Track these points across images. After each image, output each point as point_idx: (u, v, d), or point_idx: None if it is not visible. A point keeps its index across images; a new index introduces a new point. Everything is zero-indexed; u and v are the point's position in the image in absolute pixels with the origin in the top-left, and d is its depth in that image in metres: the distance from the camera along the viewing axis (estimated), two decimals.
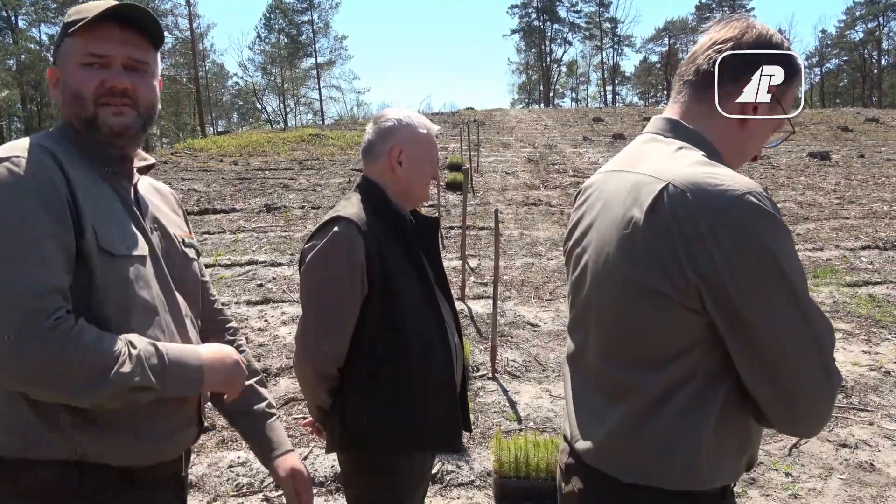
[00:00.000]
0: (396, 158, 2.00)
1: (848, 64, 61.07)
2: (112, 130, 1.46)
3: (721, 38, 1.32)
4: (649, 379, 1.22)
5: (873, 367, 5.35)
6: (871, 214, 11.43)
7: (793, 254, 1.14)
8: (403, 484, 1.99)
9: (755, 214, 1.12)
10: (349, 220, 1.87)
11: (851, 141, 21.24)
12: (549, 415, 4.57)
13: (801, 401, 1.17)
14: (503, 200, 12.86)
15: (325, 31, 58.48)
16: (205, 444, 4.15)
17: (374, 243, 1.87)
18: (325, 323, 1.89)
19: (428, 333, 1.95)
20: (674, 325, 1.19)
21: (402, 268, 1.93)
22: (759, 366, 1.15)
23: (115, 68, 1.46)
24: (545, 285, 7.82)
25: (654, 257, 1.17)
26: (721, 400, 1.20)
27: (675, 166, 1.21)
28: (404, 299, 1.91)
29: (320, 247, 1.87)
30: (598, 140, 21.60)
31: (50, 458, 1.35)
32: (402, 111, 2.07)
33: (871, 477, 3.75)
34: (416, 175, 2.03)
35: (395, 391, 1.93)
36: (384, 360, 1.92)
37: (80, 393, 1.26)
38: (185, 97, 52.23)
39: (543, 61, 67.17)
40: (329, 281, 1.87)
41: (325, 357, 1.90)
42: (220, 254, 9.05)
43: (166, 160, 18.27)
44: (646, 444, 1.24)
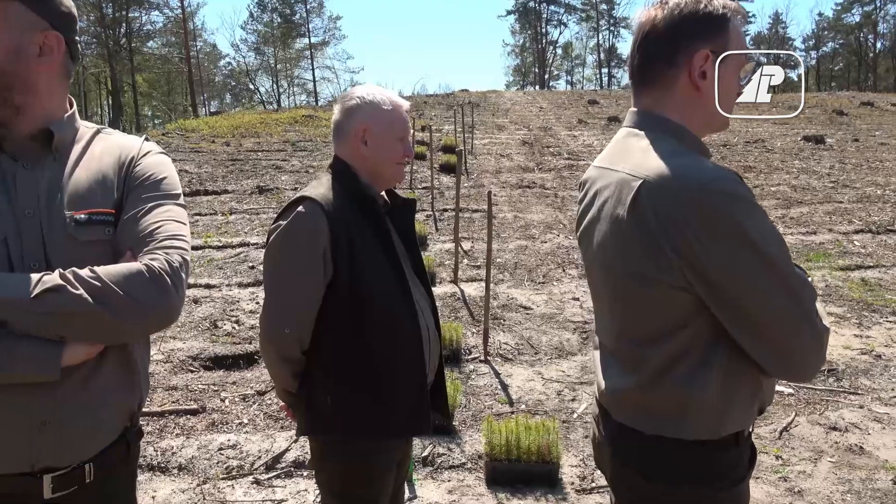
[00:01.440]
0: (361, 137, 1.96)
1: (844, 47, 60.90)
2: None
3: (643, 29, 1.43)
4: (654, 352, 1.38)
5: (864, 351, 5.37)
6: (864, 198, 11.44)
7: (762, 224, 1.26)
8: (370, 469, 1.96)
9: (721, 196, 1.25)
10: (314, 201, 1.84)
11: (846, 125, 21.22)
12: (541, 398, 4.57)
13: (794, 353, 1.31)
14: (497, 183, 12.81)
15: (319, 10, 57.87)
16: (194, 426, 4.14)
17: (340, 224, 1.83)
18: (287, 305, 1.86)
19: (396, 317, 1.92)
20: (668, 304, 1.33)
21: (371, 249, 1.89)
22: (748, 329, 1.29)
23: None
24: (538, 268, 7.80)
25: (640, 246, 1.32)
26: (723, 363, 1.34)
27: (650, 162, 1.33)
28: (372, 281, 1.87)
29: (283, 227, 1.84)
30: (594, 123, 21.50)
31: None
32: (368, 88, 2.01)
33: (860, 460, 3.76)
34: (383, 154, 1.97)
35: (360, 375, 1.90)
36: (349, 343, 1.88)
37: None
38: (177, 77, 51.78)
39: (539, 43, 66.75)
40: (290, 263, 1.84)
41: (288, 339, 1.87)
42: (210, 235, 8.99)
43: (157, 141, 18.08)
44: (659, 406, 1.41)
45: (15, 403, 1.30)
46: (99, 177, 1.45)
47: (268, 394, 4.58)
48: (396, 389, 1.93)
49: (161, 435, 4.03)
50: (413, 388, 1.96)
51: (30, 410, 1.32)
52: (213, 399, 4.52)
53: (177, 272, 1.38)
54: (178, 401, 4.48)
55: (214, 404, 4.44)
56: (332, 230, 1.82)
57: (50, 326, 1.27)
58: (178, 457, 3.77)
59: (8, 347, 1.24)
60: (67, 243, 1.37)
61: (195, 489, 3.48)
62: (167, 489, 3.47)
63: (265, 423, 4.19)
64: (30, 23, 1.35)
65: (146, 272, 1.34)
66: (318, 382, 1.92)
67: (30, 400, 1.31)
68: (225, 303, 6.45)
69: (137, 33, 49.18)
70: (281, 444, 3.89)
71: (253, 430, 4.10)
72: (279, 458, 3.75)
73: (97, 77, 51.46)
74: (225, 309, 6.28)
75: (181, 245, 1.42)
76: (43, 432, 1.33)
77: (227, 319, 6.01)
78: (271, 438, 3.97)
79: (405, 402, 1.95)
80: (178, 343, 5.45)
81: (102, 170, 1.46)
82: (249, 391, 4.63)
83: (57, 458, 1.37)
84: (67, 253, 1.36)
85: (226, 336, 5.63)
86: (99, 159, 1.48)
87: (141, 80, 50.95)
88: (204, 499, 3.40)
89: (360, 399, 1.90)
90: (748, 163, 14.77)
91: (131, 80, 49.20)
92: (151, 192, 1.47)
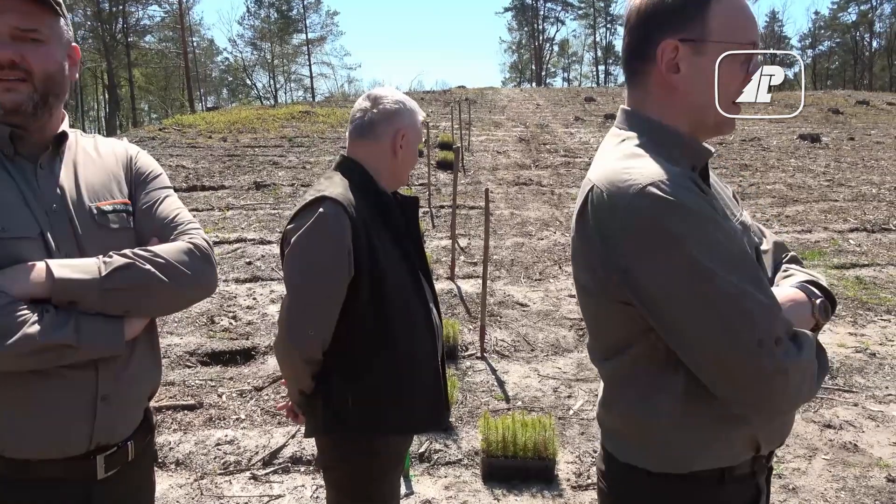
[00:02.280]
0: (399, 143, 1.99)
1: (840, 46, 60.98)
2: (4, 108, 1.38)
3: (626, 21, 1.32)
4: (608, 370, 1.32)
5: (859, 349, 5.39)
6: (859, 197, 11.47)
7: (706, 235, 1.11)
8: (382, 465, 1.99)
9: (657, 202, 1.10)
10: (335, 201, 1.83)
11: (842, 123, 21.27)
12: (538, 394, 4.59)
13: (747, 385, 1.13)
14: (494, 180, 12.82)
15: (317, 6, 57.68)
16: (192, 421, 4.15)
17: (360, 224, 1.84)
18: (312, 307, 1.85)
19: (413, 315, 1.94)
20: (612, 319, 1.25)
21: (388, 249, 1.91)
22: (691, 353, 1.14)
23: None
24: (535, 265, 7.81)
25: (583, 257, 1.25)
26: (679, 388, 1.20)
27: (604, 164, 1.24)
28: (390, 281, 1.89)
29: (306, 228, 1.82)
30: (590, 120, 21.52)
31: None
32: (400, 94, 2.05)
33: (854, 457, 3.79)
34: (409, 159, 2.05)
35: (381, 372, 1.91)
36: (370, 341, 1.90)
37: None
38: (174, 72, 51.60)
39: (536, 40, 66.69)
40: (316, 264, 1.84)
41: (311, 341, 1.87)
42: (208, 231, 8.97)
43: (154, 136, 18.06)
44: (622, 430, 1.31)
45: (79, 380, 1.40)
46: (108, 173, 1.57)
47: (265, 389, 4.59)
48: (417, 385, 1.96)
49: (158, 430, 4.03)
50: (431, 383, 2.00)
51: (92, 386, 1.42)
52: (211, 395, 4.53)
53: (211, 248, 1.58)
54: (175, 396, 4.49)
55: (212, 400, 4.45)
56: (353, 230, 1.82)
57: (119, 302, 1.40)
58: (175, 452, 3.78)
59: (82, 325, 1.34)
60: (99, 232, 1.48)
61: (192, 484, 3.49)
62: (165, 484, 3.47)
63: (262, 419, 4.20)
64: (67, 36, 1.49)
65: (195, 249, 1.52)
66: (338, 381, 1.92)
67: (93, 375, 1.41)
68: (222, 298, 6.45)
69: (134, 28, 48.96)
70: (278, 439, 3.90)
71: (250, 426, 4.11)
72: (276, 453, 3.76)
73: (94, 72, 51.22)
74: (222, 304, 6.28)
75: (199, 228, 1.61)
76: (103, 407, 1.43)
77: (225, 315, 6.01)
78: (268, 434, 3.98)
79: (425, 397, 1.98)
80: (175, 339, 5.45)
81: (108, 167, 1.58)
82: (246, 387, 4.64)
83: (110, 435, 1.47)
84: (99, 241, 1.46)
85: (223, 332, 5.64)
86: (102, 158, 1.59)
87: (138, 74, 50.74)
88: (202, 494, 3.41)
89: (382, 396, 1.91)
90: (744, 161, 14.80)
91: (128, 74, 49.00)
92: (157, 186, 1.63)
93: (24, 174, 1.43)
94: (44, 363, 1.33)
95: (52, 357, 1.33)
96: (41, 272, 1.34)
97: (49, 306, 1.33)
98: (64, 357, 1.34)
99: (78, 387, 1.40)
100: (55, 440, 1.41)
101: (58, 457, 1.41)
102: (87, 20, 46.71)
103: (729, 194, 1.42)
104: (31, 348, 1.29)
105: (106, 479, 1.48)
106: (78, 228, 1.44)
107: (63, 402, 1.39)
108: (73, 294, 1.35)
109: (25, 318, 1.29)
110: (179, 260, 1.48)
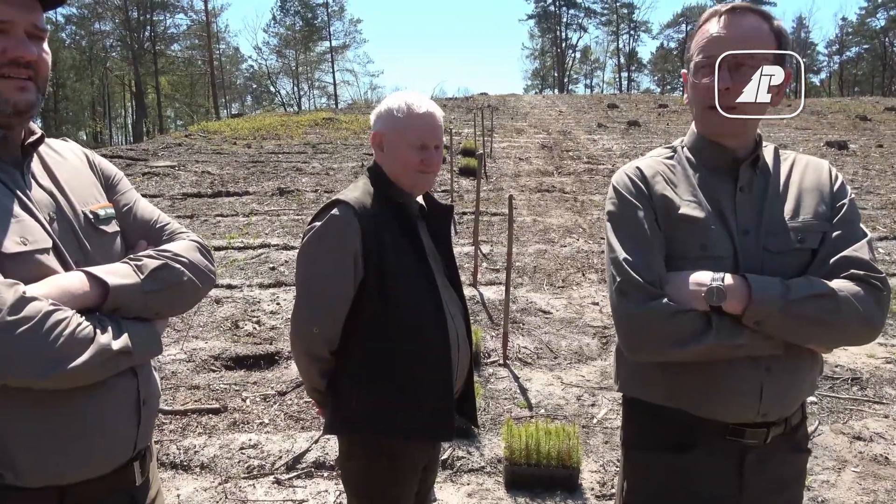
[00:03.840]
0: (379, 144, 2.01)
1: (868, 52, 60.10)
2: (15, 108, 1.29)
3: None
4: None
5: (889, 360, 5.29)
6: (888, 205, 11.28)
7: (621, 210, 1.62)
8: (395, 469, 1.99)
9: (612, 186, 1.68)
10: (347, 204, 1.87)
11: (870, 130, 20.93)
12: (561, 402, 4.56)
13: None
14: (516, 186, 12.80)
15: (340, 14, 58.24)
16: (216, 425, 4.18)
17: (372, 227, 1.86)
18: (316, 305, 1.91)
19: (423, 322, 1.93)
20: None
21: (401, 253, 1.92)
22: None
23: (16, 36, 1.27)
24: (558, 272, 7.78)
25: None
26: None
27: None
28: (400, 284, 1.90)
29: (316, 229, 1.89)
30: (613, 127, 21.41)
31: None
32: (397, 94, 2.02)
33: (885, 470, 3.71)
34: (397, 161, 1.97)
35: (386, 376, 1.92)
36: (376, 344, 1.91)
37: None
38: (199, 79, 52.27)
39: (558, 47, 66.58)
40: (321, 264, 1.89)
41: (316, 339, 1.92)
42: (233, 237, 9.07)
43: (180, 142, 18.30)
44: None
45: (123, 386, 1.38)
46: (83, 176, 1.51)
47: (288, 394, 4.61)
48: (421, 392, 1.94)
49: (184, 433, 4.07)
50: (437, 392, 1.97)
51: (135, 391, 1.40)
52: (235, 399, 4.56)
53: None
54: (199, 400, 4.53)
55: (236, 404, 4.49)
56: (363, 233, 1.85)
57: (157, 303, 1.39)
58: (200, 455, 3.81)
59: (130, 330, 1.32)
60: (98, 237, 1.43)
61: (217, 488, 3.51)
62: (189, 487, 3.51)
63: (286, 424, 4.22)
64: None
65: (201, 247, 1.55)
66: (346, 382, 1.96)
67: (134, 379, 1.40)
68: (246, 303, 6.50)
69: (162, 36, 49.74)
70: (301, 444, 3.92)
71: (274, 430, 4.13)
72: (300, 458, 3.78)
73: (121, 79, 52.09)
74: (246, 309, 6.34)
75: (184, 228, 1.62)
76: (145, 411, 1.42)
77: (249, 320, 6.06)
78: (292, 439, 4.00)
79: (429, 405, 1.96)
80: (200, 343, 5.50)
81: (78, 169, 1.51)
82: (270, 391, 4.67)
83: (146, 437, 1.46)
84: (100, 246, 1.43)
85: (247, 336, 5.68)
86: (67, 160, 1.51)
87: (164, 82, 51.51)
88: (226, 498, 3.43)
89: (384, 399, 1.92)
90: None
91: (155, 82, 49.76)
92: (126, 188, 1.61)
93: (14, 180, 1.34)
94: (108, 372, 1.29)
95: (114, 365, 1.29)
96: (85, 282, 1.30)
97: (97, 315, 1.29)
98: (121, 364, 1.31)
99: (124, 394, 1.37)
100: (105, 453, 1.36)
101: (106, 471, 1.37)
102: (116, 28, 47.52)
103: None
104: (105, 358, 1.25)
105: (140, 485, 1.47)
106: (81, 235, 1.40)
107: (111, 412, 1.35)
108: (122, 300, 1.32)
109: (90, 329, 1.25)
110: (196, 259, 1.50)
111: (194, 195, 11.52)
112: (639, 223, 1.56)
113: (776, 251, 1.53)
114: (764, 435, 1.58)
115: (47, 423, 1.27)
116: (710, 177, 1.62)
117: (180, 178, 12.92)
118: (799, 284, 1.47)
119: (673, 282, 1.52)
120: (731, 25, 1.54)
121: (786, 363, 1.53)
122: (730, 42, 1.52)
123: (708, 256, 1.54)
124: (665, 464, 1.63)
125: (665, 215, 1.59)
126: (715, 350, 1.47)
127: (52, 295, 1.24)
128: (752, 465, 1.59)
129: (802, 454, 1.71)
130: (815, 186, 1.60)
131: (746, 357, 1.50)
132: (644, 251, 1.54)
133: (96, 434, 1.32)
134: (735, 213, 1.57)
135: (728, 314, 1.47)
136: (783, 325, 1.45)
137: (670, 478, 1.63)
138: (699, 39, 1.58)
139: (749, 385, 1.52)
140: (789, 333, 1.47)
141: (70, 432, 1.29)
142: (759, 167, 1.63)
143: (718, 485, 1.60)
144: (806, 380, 1.59)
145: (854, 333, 1.50)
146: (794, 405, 1.61)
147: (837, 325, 1.46)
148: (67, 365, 1.19)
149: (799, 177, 1.63)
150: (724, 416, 1.56)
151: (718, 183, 1.61)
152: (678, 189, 1.61)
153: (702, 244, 1.55)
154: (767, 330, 1.46)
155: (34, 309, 1.18)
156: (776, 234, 1.54)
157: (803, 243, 1.54)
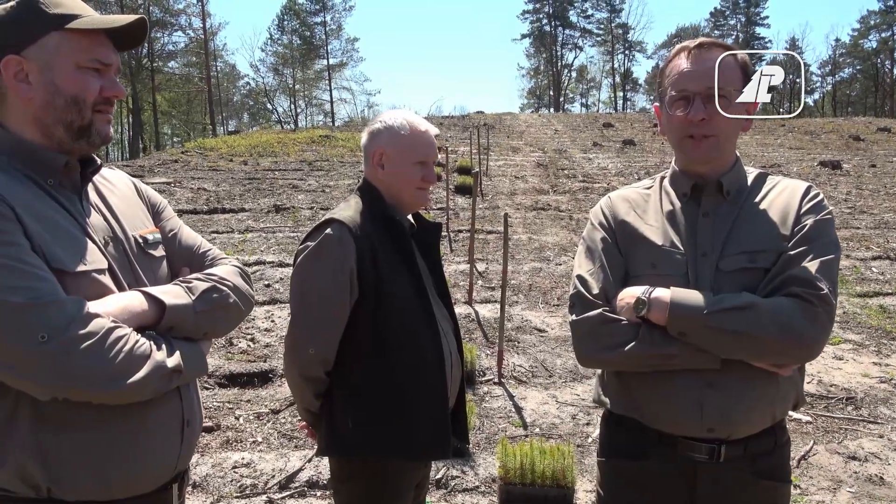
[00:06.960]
0: (378, 161, 2.00)
1: (861, 73, 60.68)
2: (104, 139, 1.42)
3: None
4: None
5: (883, 379, 5.30)
6: (882, 225, 11.34)
7: (585, 240, 1.79)
8: (390, 490, 1.97)
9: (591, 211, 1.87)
10: (341, 223, 1.87)
11: (863, 150, 21.08)
12: (556, 421, 4.54)
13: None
14: (512, 204, 12.83)
15: (338, 33, 58.45)
16: (209, 444, 4.15)
17: (366, 246, 1.86)
18: (312, 326, 1.89)
19: (419, 340, 1.93)
20: None
21: (395, 272, 1.92)
22: None
23: (108, 76, 1.40)
24: (553, 290, 7.78)
25: None
26: None
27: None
28: (396, 304, 1.90)
29: (311, 249, 1.88)
30: (609, 146, 21.52)
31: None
32: (393, 112, 2.04)
33: (880, 490, 3.70)
34: (399, 179, 1.99)
35: (382, 396, 1.91)
36: (373, 364, 1.90)
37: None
38: (196, 96, 52.41)
39: (554, 66, 67.05)
40: (317, 284, 1.88)
41: (312, 360, 1.90)
42: (228, 253, 9.00)
43: (177, 159, 18.32)
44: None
45: (170, 406, 1.41)
46: (132, 203, 1.59)
47: (282, 412, 4.59)
48: (417, 412, 1.93)
49: None
50: (434, 411, 1.96)
51: (180, 411, 1.43)
52: (228, 417, 4.54)
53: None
54: None
55: (229, 422, 4.46)
56: (358, 252, 1.85)
57: (206, 324, 1.44)
58: (192, 474, 3.77)
59: (181, 349, 1.36)
60: (147, 261, 1.50)
61: None
62: None
63: (279, 442, 4.20)
64: None
65: (242, 272, 1.62)
66: (340, 403, 1.94)
67: (178, 400, 1.44)
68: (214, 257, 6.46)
69: (159, 53, 49.92)
70: (295, 463, 3.89)
71: (267, 449, 4.11)
72: (293, 477, 3.75)
73: None
74: (240, 326, 6.31)
75: (224, 254, 1.69)
76: (188, 432, 1.45)
77: (243, 337, 6.04)
78: (285, 458, 3.97)
79: (426, 425, 1.95)
80: None
81: (128, 195, 1.60)
82: (264, 409, 4.64)
83: (186, 459, 1.48)
84: (149, 270, 1.49)
85: (241, 354, 5.66)
86: (117, 186, 1.59)
87: (161, 99, 51.64)
88: None
89: (380, 421, 1.91)
90: None
91: (152, 99, 49.88)
92: (170, 215, 1.68)
93: (73, 204, 1.41)
94: (162, 389, 1.33)
95: (167, 383, 1.33)
96: (144, 301, 1.36)
97: (150, 333, 1.33)
98: (173, 382, 1.34)
99: (171, 414, 1.41)
100: (151, 471, 1.39)
101: (149, 489, 1.39)
102: None
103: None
104: (160, 375, 1.29)
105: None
106: (132, 258, 1.46)
107: (160, 432, 1.39)
108: (176, 319, 1.37)
109: (147, 346, 1.29)
110: (239, 283, 1.57)
111: (190, 212, 11.50)
112: (596, 245, 1.75)
113: (727, 270, 1.62)
114: (713, 451, 1.60)
115: (99, 440, 1.31)
116: (683, 203, 1.73)
117: (176, 195, 12.91)
118: (723, 298, 1.54)
119: (617, 296, 1.65)
120: (699, 60, 1.64)
121: (730, 378, 1.57)
122: (699, 76, 1.62)
123: (656, 274, 1.65)
124: (625, 471, 1.72)
125: (626, 239, 1.74)
126: (644, 358, 1.58)
127: (113, 313, 1.29)
128: (705, 484, 1.62)
129: (774, 483, 1.67)
130: (782, 208, 1.66)
131: (690, 370, 1.57)
132: (596, 270, 1.71)
133: (144, 452, 1.36)
134: (696, 237, 1.67)
135: (658, 326, 1.56)
136: (705, 336, 1.53)
137: (628, 485, 1.72)
138: (671, 75, 1.69)
139: (688, 396, 1.58)
140: (712, 345, 1.54)
141: (120, 449, 1.33)
142: (731, 193, 1.70)
143: (670, 498, 1.65)
144: (761, 398, 1.59)
145: (780, 347, 1.52)
146: (747, 423, 1.60)
147: (758, 337, 1.50)
148: (126, 380, 1.24)
149: (771, 200, 1.69)
150: (668, 427, 1.63)
151: (687, 209, 1.73)
152: (645, 215, 1.76)
153: (652, 263, 1.68)
154: (692, 340, 1.54)
155: (97, 325, 1.24)
156: (731, 256, 1.63)
157: (755, 262, 1.61)
